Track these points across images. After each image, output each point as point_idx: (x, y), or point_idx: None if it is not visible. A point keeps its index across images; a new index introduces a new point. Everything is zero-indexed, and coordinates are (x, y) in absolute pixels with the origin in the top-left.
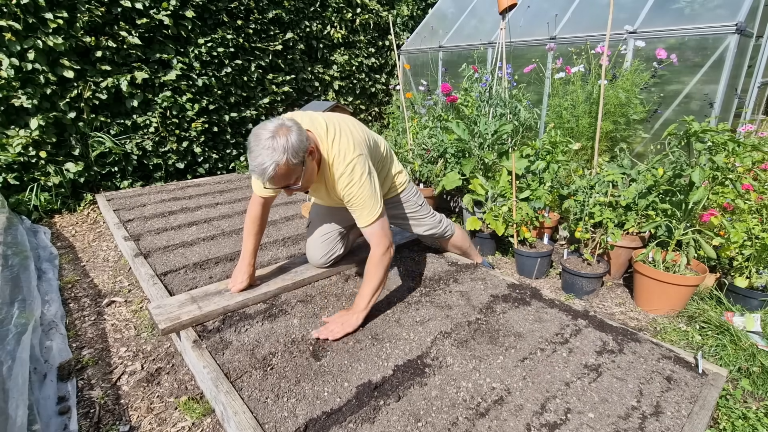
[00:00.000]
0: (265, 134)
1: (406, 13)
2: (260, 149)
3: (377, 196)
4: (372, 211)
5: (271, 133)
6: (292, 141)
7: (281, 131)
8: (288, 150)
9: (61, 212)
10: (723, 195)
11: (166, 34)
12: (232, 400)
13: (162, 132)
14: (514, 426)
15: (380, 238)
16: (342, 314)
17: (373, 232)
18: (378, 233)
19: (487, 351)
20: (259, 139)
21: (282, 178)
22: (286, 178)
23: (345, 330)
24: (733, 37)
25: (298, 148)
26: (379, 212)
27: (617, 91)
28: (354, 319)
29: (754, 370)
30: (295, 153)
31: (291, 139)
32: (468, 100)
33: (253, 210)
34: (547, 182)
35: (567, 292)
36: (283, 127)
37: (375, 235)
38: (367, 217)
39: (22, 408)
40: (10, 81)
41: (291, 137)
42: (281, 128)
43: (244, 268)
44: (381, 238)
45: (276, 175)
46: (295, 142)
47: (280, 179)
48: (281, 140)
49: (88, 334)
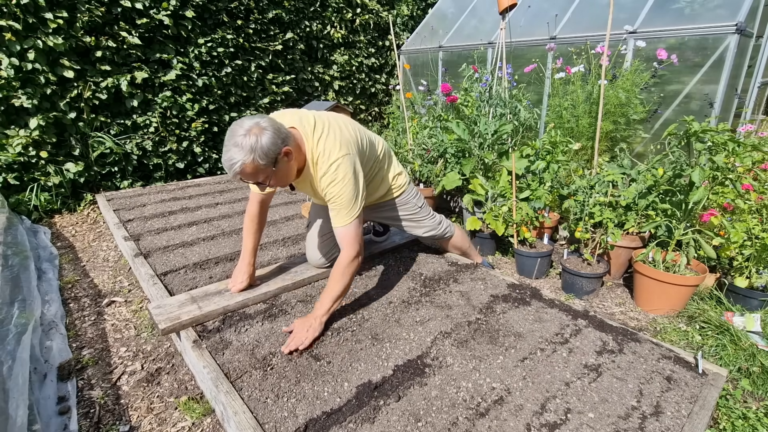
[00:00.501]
0: (239, 131)
1: (406, 13)
2: (230, 145)
3: (358, 199)
4: (349, 213)
5: (245, 131)
6: (262, 142)
7: (254, 130)
8: (255, 150)
9: (61, 212)
10: (723, 195)
11: (166, 34)
12: (232, 400)
13: (162, 132)
14: (514, 426)
15: (352, 242)
16: (302, 321)
17: (345, 235)
18: (350, 237)
19: (487, 351)
20: (233, 135)
21: (250, 176)
22: (253, 176)
23: (312, 335)
24: (733, 37)
25: (268, 150)
26: (356, 216)
27: (617, 91)
28: (317, 324)
29: (754, 370)
30: (264, 154)
31: (261, 141)
32: (468, 100)
33: (252, 208)
34: (547, 182)
35: (567, 292)
36: (257, 127)
37: (347, 238)
38: (344, 218)
39: (22, 408)
40: (10, 81)
41: (262, 138)
42: (255, 127)
43: (244, 267)
44: (353, 242)
45: (242, 172)
46: (265, 144)
47: (248, 177)
48: (250, 140)
49: (88, 334)
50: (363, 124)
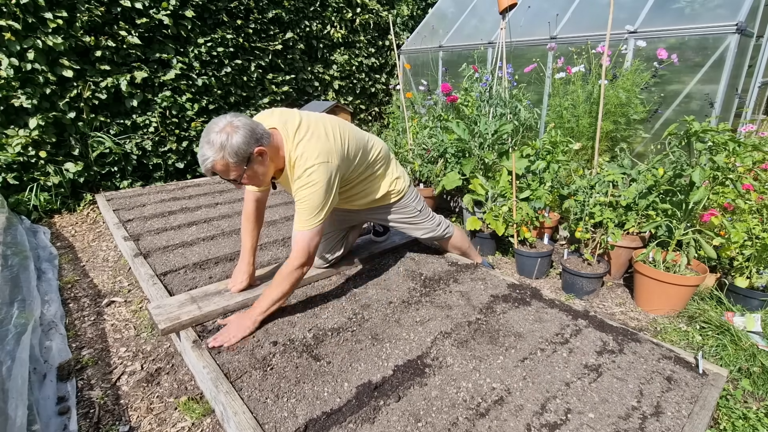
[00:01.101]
0: (214, 128)
1: (406, 13)
2: (204, 142)
3: (324, 209)
4: (310, 220)
5: (218, 129)
6: (233, 141)
7: (227, 129)
8: (225, 148)
9: (61, 212)
10: (723, 195)
11: (166, 33)
12: (232, 401)
13: (162, 132)
14: (514, 426)
15: (303, 250)
16: (239, 316)
17: (299, 240)
18: (304, 243)
19: (487, 351)
20: (207, 132)
21: (222, 173)
22: (224, 173)
23: (241, 334)
24: (733, 37)
25: (238, 148)
26: (316, 224)
27: (617, 91)
28: (250, 322)
29: (755, 371)
30: (234, 153)
31: (232, 140)
32: (468, 100)
33: (248, 207)
34: (547, 182)
35: (567, 292)
36: (230, 126)
37: (300, 244)
38: (303, 223)
39: (21, 408)
40: (9, 81)
41: (233, 138)
42: (228, 126)
43: (243, 267)
44: (303, 250)
45: (213, 168)
46: (236, 143)
47: (220, 173)
48: (221, 138)
49: (88, 334)
50: (363, 124)
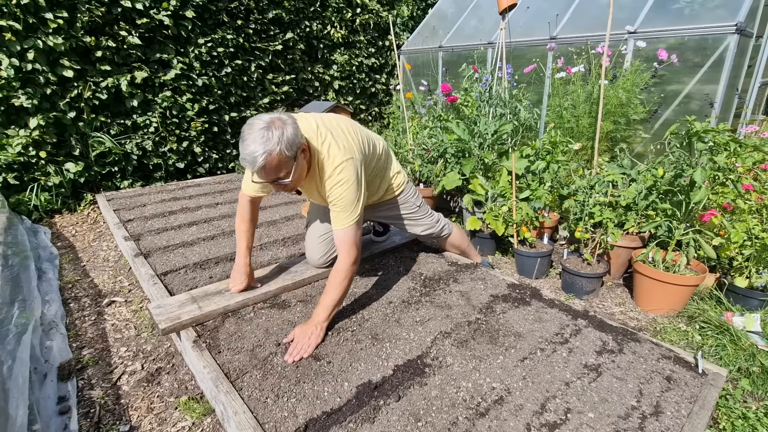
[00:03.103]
0: (259, 124)
1: (406, 13)
2: (253, 137)
3: (359, 203)
4: (349, 216)
5: (266, 123)
6: (288, 134)
7: (276, 122)
8: (282, 141)
9: (62, 212)
10: (723, 195)
11: (166, 34)
12: (232, 400)
13: (162, 132)
14: (514, 426)
15: (351, 246)
16: (303, 328)
17: (344, 238)
18: (349, 240)
19: (487, 351)
20: (253, 128)
21: (272, 170)
22: (276, 170)
23: (315, 342)
24: (733, 37)
25: (293, 141)
26: (356, 219)
27: (617, 91)
28: (318, 330)
29: (754, 370)
30: (289, 146)
31: (287, 132)
32: (468, 100)
33: (243, 208)
34: (547, 182)
35: (567, 292)
36: (279, 120)
37: (346, 242)
38: (344, 221)
39: (22, 408)
40: (10, 81)
41: (287, 129)
42: (277, 120)
43: (241, 268)
44: (352, 246)
45: (266, 165)
46: (290, 135)
47: (271, 171)
48: (276, 132)
49: (89, 334)
50: (363, 124)
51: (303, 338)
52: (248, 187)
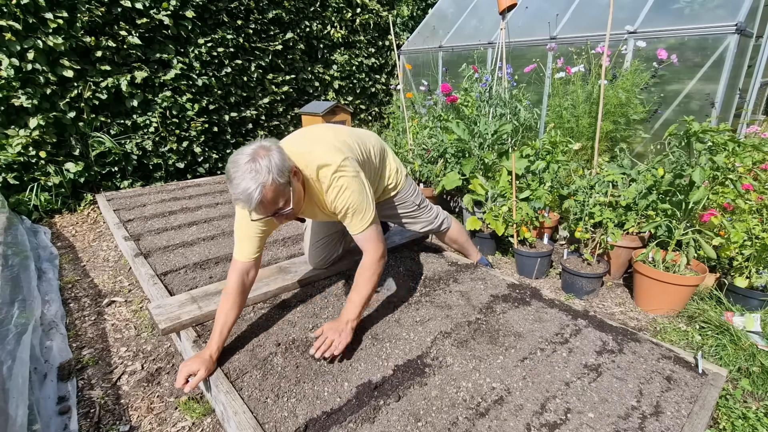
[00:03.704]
0: (243, 158)
1: (406, 13)
2: (241, 174)
3: (368, 200)
4: (365, 218)
5: (250, 156)
6: (275, 160)
7: (260, 152)
8: (272, 170)
9: (61, 212)
10: (723, 195)
11: (166, 34)
12: (232, 400)
13: (162, 132)
14: (514, 426)
15: (376, 243)
16: (332, 325)
17: (367, 238)
18: (372, 238)
19: (487, 351)
20: (238, 165)
21: (270, 203)
22: (274, 202)
23: (345, 340)
24: (733, 37)
25: (282, 167)
26: (372, 217)
27: (617, 91)
28: (348, 328)
29: (754, 370)
30: (280, 172)
31: (273, 158)
32: (468, 100)
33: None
34: (547, 182)
35: (567, 292)
36: (262, 148)
37: (370, 240)
38: (359, 225)
39: (22, 408)
40: (10, 81)
41: (273, 156)
42: (260, 149)
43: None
44: (376, 243)
45: (263, 199)
46: (278, 161)
47: (269, 204)
48: (263, 161)
49: (88, 334)
50: (363, 124)
51: (332, 334)
52: (243, 249)
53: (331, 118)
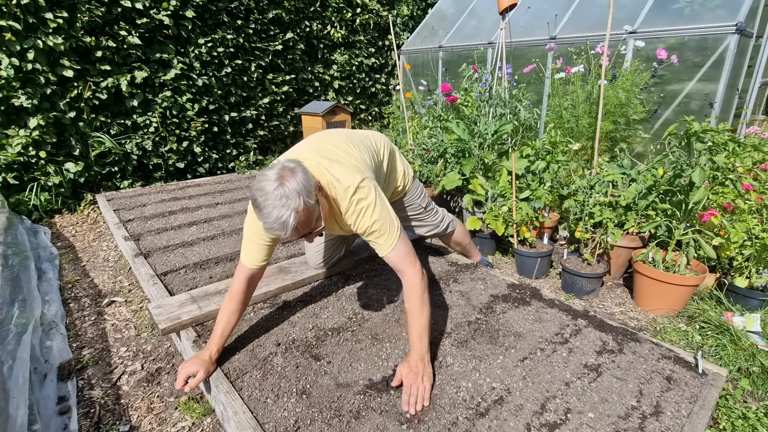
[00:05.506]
0: (270, 185)
1: (406, 13)
2: (272, 202)
3: (390, 216)
4: (391, 236)
5: (277, 181)
6: (302, 181)
7: (286, 174)
8: (301, 193)
9: (61, 212)
10: (723, 195)
11: (166, 34)
12: (232, 400)
13: (162, 132)
14: (514, 426)
15: (410, 261)
16: (409, 370)
17: (399, 258)
18: (404, 255)
19: (487, 351)
20: (266, 192)
21: (304, 225)
22: (307, 223)
23: (429, 384)
24: (733, 37)
25: (309, 186)
26: (398, 233)
27: (617, 91)
28: (427, 368)
29: (754, 370)
30: (308, 193)
31: (299, 180)
32: (468, 100)
33: (237, 284)
34: (547, 182)
35: (567, 292)
36: (286, 170)
37: (402, 261)
38: (389, 244)
39: (22, 408)
40: (10, 81)
41: (298, 177)
42: (284, 171)
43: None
44: (411, 260)
45: (298, 225)
46: (304, 182)
47: (302, 227)
48: (291, 184)
49: (89, 334)
50: (363, 124)
51: (414, 382)
52: (251, 256)
53: (331, 118)
